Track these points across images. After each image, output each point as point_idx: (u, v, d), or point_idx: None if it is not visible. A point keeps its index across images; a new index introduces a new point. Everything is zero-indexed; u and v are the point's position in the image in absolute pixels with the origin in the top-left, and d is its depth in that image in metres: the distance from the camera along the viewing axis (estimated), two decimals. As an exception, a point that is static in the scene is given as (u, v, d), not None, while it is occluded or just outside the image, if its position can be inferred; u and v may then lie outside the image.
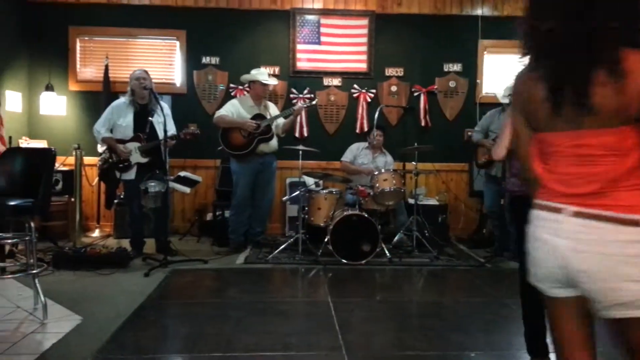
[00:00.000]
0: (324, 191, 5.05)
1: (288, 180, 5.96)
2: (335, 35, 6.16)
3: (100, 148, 5.21)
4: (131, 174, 4.73)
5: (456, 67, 6.24)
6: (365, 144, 5.61)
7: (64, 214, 5.59)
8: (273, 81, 5.42)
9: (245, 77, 5.28)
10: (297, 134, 6.11)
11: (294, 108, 5.25)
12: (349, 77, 6.20)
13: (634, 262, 1.19)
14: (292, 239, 4.99)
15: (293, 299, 3.93)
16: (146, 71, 4.83)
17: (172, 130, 4.75)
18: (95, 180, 5.74)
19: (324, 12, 6.13)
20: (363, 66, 6.19)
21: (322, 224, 4.87)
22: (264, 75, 5.20)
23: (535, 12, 1.32)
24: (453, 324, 3.27)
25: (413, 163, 5.22)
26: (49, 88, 5.90)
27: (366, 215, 4.73)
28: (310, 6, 6.13)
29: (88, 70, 6.13)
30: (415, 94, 6.23)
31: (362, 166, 5.46)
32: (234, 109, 5.12)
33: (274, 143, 5.19)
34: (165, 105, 4.82)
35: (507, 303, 3.58)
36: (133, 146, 4.71)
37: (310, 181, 5.36)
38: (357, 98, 6.20)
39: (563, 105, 1.25)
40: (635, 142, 1.22)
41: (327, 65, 6.17)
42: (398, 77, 6.22)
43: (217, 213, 5.73)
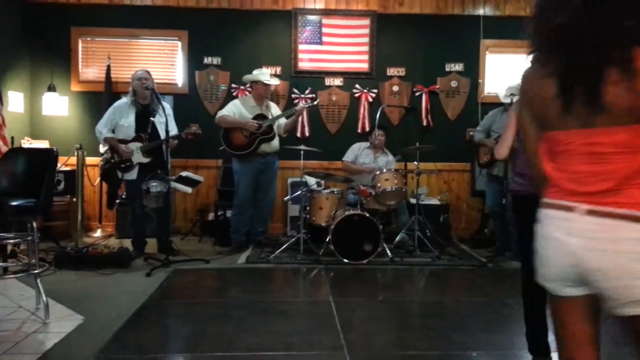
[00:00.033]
0: (326, 191, 5.06)
1: (290, 180, 5.96)
2: (336, 35, 6.15)
3: (102, 148, 5.22)
4: (133, 174, 4.74)
5: (458, 67, 6.23)
6: (366, 144, 5.60)
7: (66, 214, 5.60)
8: (275, 81, 5.42)
9: (247, 78, 5.28)
10: (299, 134, 6.11)
11: (296, 108, 5.26)
12: (351, 77, 6.20)
13: None
14: (294, 239, 4.99)
15: (295, 299, 3.93)
16: (148, 71, 4.84)
17: (174, 130, 4.76)
18: (97, 180, 5.75)
19: (326, 12, 6.13)
20: (365, 66, 6.18)
21: (324, 224, 4.87)
22: (266, 75, 5.20)
23: (546, 9, 1.31)
24: (455, 324, 3.27)
25: (415, 163, 5.22)
26: (51, 88, 5.91)
27: (368, 215, 4.73)
28: (311, 6, 6.13)
29: (90, 70, 6.15)
30: (417, 94, 6.23)
31: (364, 166, 5.46)
32: (236, 109, 5.12)
33: (276, 143, 5.20)
34: (167, 105, 4.83)
35: (509, 303, 3.58)
36: (135, 146, 4.71)
37: (311, 181, 5.35)
38: (359, 98, 6.20)
39: (574, 103, 1.24)
40: None
41: (329, 65, 6.17)
42: (400, 77, 6.21)
43: (219, 213, 5.73)
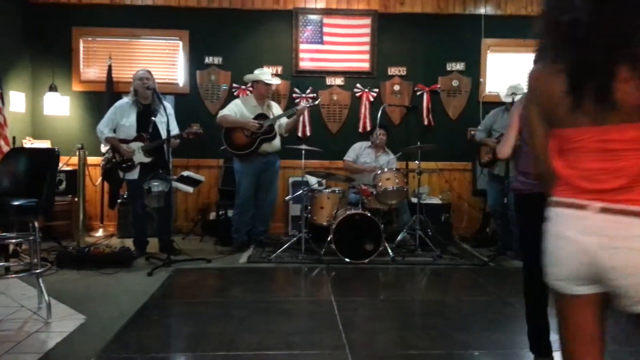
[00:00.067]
0: (327, 190, 5.06)
1: (291, 179, 5.96)
2: (337, 34, 6.15)
3: (103, 148, 5.22)
4: (134, 174, 4.74)
5: (459, 66, 6.23)
6: (367, 143, 5.60)
7: (68, 214, 5.61)
8: (276, 81, 5.42)
9: (248, 77, 5.29)
10: (300, 134, 6.10)
11: (297, 108, 5.26)
12: (352, 77, 6.19)
13: None
14: (295, 238, 4.99)
15: (296, 298, 3.93)
16: (149, 71, 4.84)
17: (175, 130, 4.76)
18: (98, 180, 5.76)
19: (327, 12, 6.13)
20: (366, 65, 6.18)
21: (325, 223, 4.87)
22: (267, 75, 5.20)
23: (555, 8, 1.31)
24: (456, 323, 3.26)
25: (416, 162, 5.21)
26: (53, 88, 5.91)
27: (369, 214, 4.73)
28: (312, 6, 6.12)
29: (91, 70, 6.15)
30: (418, 93, 6.23)
31: (365, 165, 5.46)
32: (237, 109, 5.13)
33: (277, 142, 5.20)
34: (168, 105, 4.83)
35: (511, 302, 3.58)
36: (136, 146, 4.72)
37: (313, 180, 5.35)
38: (360, 97, 6.20)
39: (584, 100, 1.24)
40: None
41: (330, 64, 6.16)
42: (401, 76, 6.21)
43: (220, 212, 5.73)
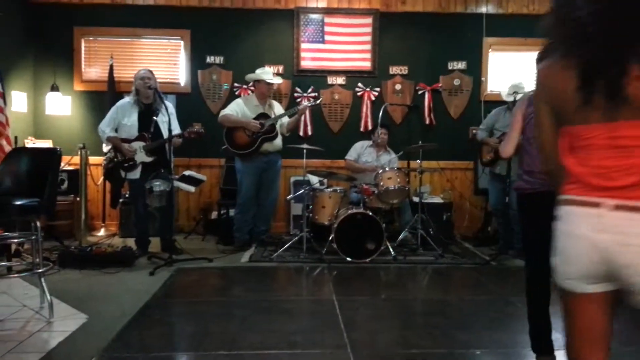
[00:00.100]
0: (329, 190, 5.06)
1: (292, 178, 5.96)
2: (339, 34, 6.15)
3: (105, 147, 5.21)
4: (136, 173, 4.75)
5: (461, 65, 6.22)
6: (369, 142, 5.60)
7: (70, 214, 5.62)
8: (277, 80, 5.42)
9: (249, 77, 5.29)
10: (302, 133, 6.10)
11: (299, 107, 5.26)
12: (353, 76, 6.19)
13: None
14: (297, 238, 4.99)
15: (298, 298, 3.93)
16: (151, 71, 4.85)
17: (177, 129, 4.77)
18: (100, 179, 5.77)
19: (328, 11, 6.13)
20: (367, 65, 6.17)
21: (327, 223, 4.87)
22: (269, 74, 5.20)
23: (565, 6, 1.31)
24: (458, 322, 3.26)
25: (417, 161, 5.21)
26: (54, 88, 5.92)
27: (370, 213, 4.72)
28: (314, 5, 6.12)
29: (93, 70, 6.16)
30: (419, 92, 6.22)
31: (366, 164, 5.45)
32: (239, 108, 5.13)
33: (278, 142, 5.20)
34: (169, 104, 4.83)
35: (512, 301, 3.58)
36: (138, 145, 4.72)
37: (314, 180, 5.36)
38: (362, 96, 6.19)
39: (595, 97, 1.24)
40: None
41: (331, 64, 6.16)
42: (402, 76, 6.20)
43: (222, 212, 5.73)
